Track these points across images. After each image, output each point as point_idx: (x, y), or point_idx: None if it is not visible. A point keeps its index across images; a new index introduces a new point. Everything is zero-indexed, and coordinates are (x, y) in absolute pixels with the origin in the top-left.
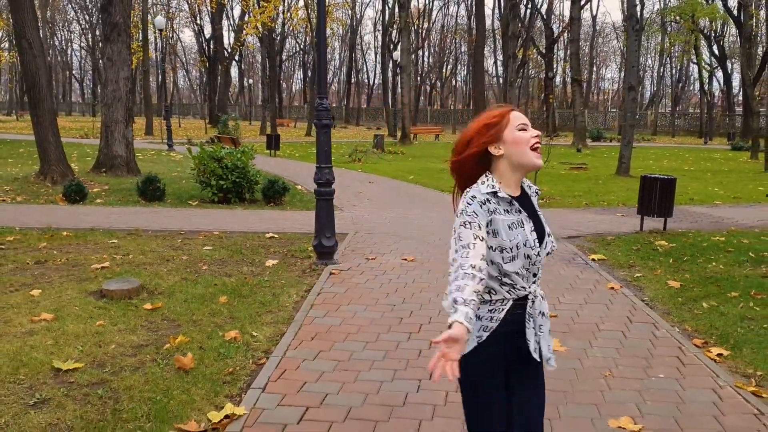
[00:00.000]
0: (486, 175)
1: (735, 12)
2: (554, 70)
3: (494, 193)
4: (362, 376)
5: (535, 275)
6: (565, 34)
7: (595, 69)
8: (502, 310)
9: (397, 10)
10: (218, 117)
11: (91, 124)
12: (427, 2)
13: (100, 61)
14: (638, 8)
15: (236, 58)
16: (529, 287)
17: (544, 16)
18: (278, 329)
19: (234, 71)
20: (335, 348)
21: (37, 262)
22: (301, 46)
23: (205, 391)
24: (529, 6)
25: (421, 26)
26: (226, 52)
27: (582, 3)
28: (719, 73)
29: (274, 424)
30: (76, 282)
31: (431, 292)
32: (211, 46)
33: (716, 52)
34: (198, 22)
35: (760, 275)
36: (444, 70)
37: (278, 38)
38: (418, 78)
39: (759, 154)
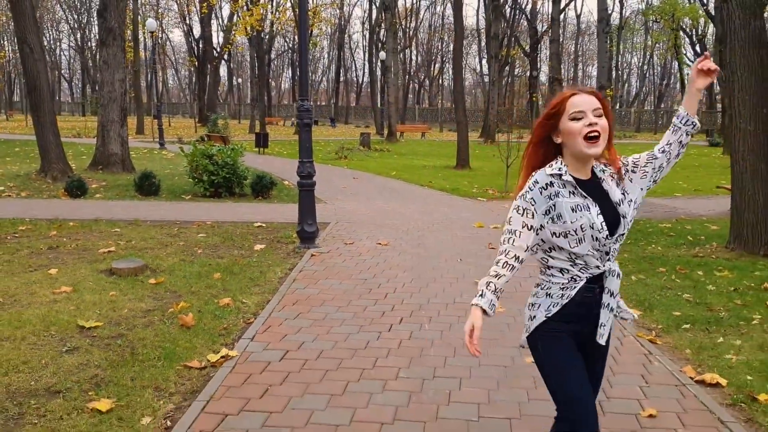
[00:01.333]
0: (556, 160)
1: (713, 12)
2: (539, 69)
3: (559, 176)
4: (333, 330)
5: (608, 253)
6: (548, 34)
7: (581, 67)
8: (575, 288)
9: (383, 11)
10: (208, 116)
11: (83, 124)
12: (414, 1)
13: (90, 62)
14: (618, 9)
15: (225, 57)
16: (603, 265)
17: (529, 16)
18: (264, 297)
19: (223, 70)
20: (312, 310)
21: (50, 247)
22: (290, 45)
23: (205, 341)
24: (514, 6)
25: (408, 25)
26: (215, 52)
27: (562, 5)
28: None
29: (260, 362)
30: (87, 263)
31: (399, 269)
32: (201, 46)
33: (698, 50)
34: (187, 22)
35: (691, 255)
36: (432, 69)
37: (267, 38)
38: (407, 76)
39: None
